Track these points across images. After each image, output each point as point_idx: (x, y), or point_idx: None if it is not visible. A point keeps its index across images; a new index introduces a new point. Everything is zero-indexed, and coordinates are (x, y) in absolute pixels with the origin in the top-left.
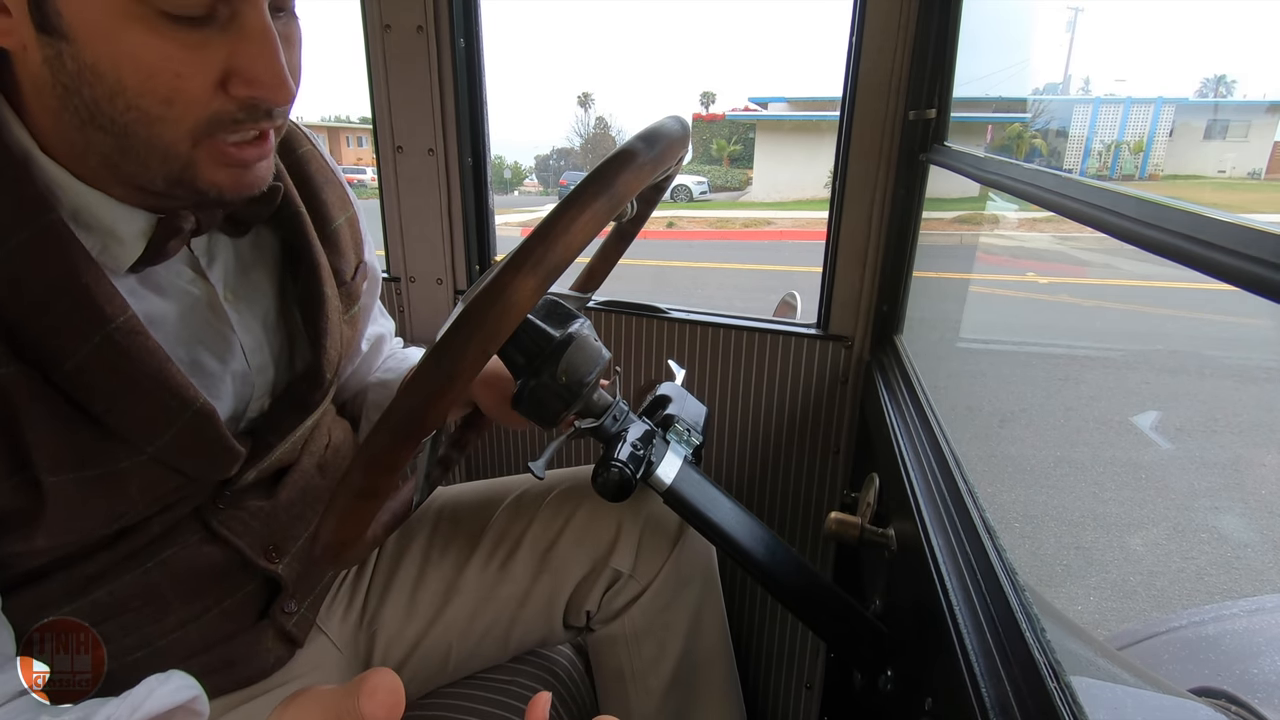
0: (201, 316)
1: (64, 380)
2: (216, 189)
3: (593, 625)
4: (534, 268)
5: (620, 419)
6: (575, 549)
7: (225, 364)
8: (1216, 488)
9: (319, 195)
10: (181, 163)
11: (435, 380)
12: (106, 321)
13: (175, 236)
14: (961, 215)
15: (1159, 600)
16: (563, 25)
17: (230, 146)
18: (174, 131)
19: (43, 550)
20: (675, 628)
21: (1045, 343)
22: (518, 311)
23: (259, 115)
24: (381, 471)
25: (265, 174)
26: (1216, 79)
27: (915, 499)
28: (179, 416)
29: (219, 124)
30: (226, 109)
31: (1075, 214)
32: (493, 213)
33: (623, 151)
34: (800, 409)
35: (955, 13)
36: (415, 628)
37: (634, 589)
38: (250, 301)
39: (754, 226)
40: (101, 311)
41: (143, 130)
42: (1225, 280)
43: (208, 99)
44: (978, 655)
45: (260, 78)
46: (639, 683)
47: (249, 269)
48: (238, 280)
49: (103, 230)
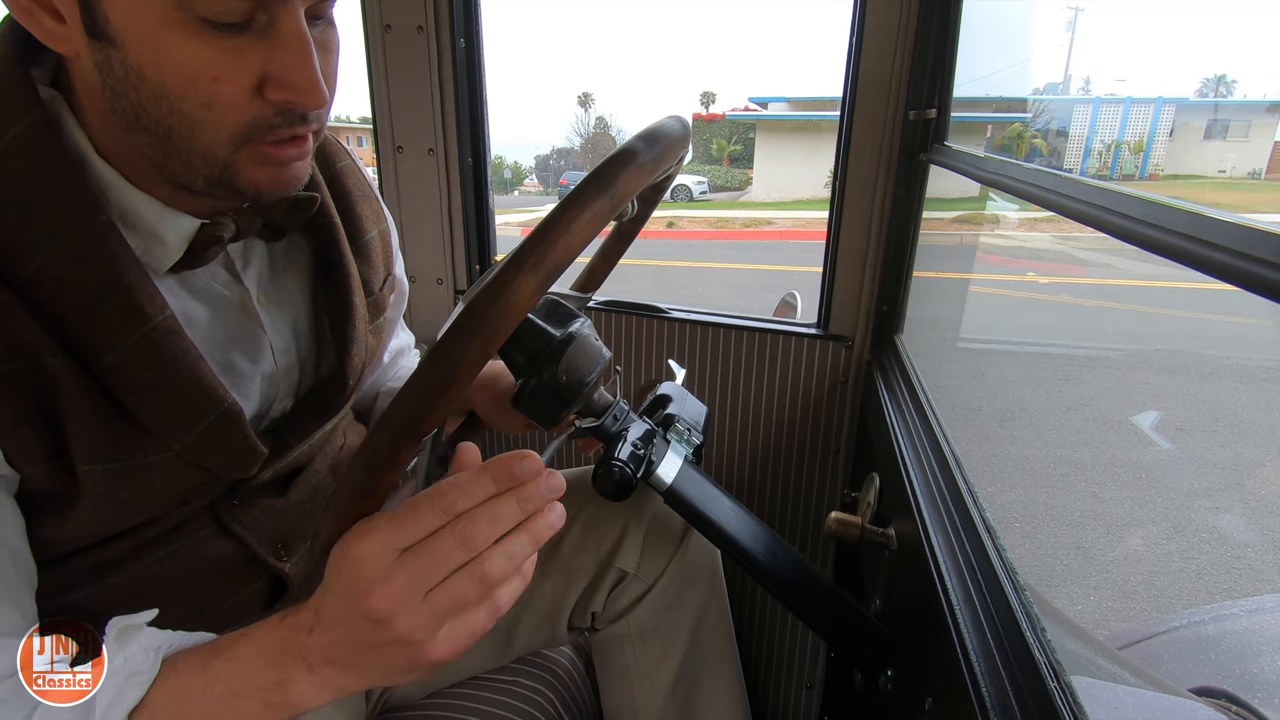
0: (235, 318)
1: (103, 374)
2: (255, 187)
3: (597, 625)
4: (534, 267)
5: (620, 419)
6: (580, 549)
7: (256, 364)
8: (1216, 487)
9: (354, 209)
10: (221, 164)
11: (435, 380)
12: (146, 320)
13: (216, 244)
14: (961, 215)
15: (1159, 600)
16: (563, 25)
17: (269, 146)
18: (213, 135)
19: (70, 537)
20: (681, 625)
21: (1045, 343)
22: (518, 311)
23: (294, 120)
24: (381, 471)
25: (302, 173)
26: (1216, 79)
27: (915, 499)
28: (207, 415)
29: (256, 130)
30: (264, 114)
31: (1075, 214)
32: (493, 213)
33: (623, 151)
34: (800, 409)
35: (955, 13)
36: None
37: (639, 588)
38: (282, 305)
39: (754, 226)
40: (142, 310)
41: (184, 133)
42: (1225, 280)
43: (245, 104)
44: (978, 655)
45: (295, 82)
46: (645, 681)
47: (282, 274)
48: (270, 284)
49: (147, 232)
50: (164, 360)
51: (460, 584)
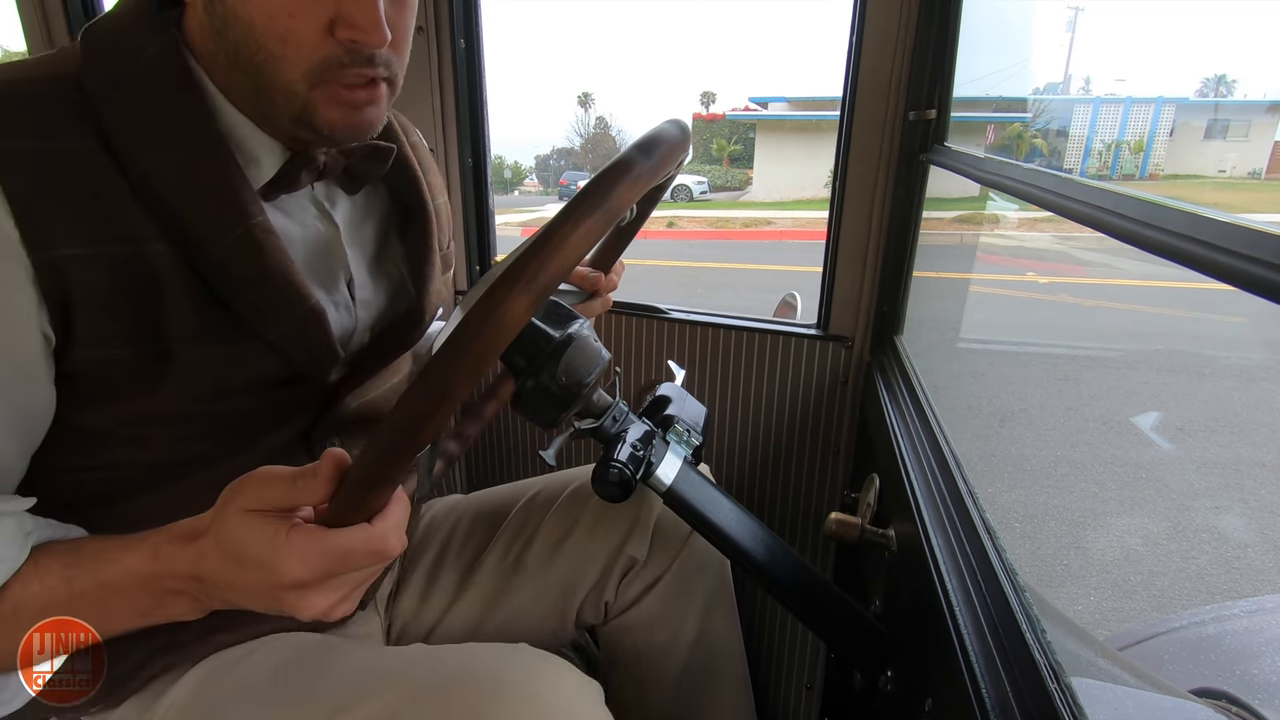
0: (321, 249)
1: (203, 265)
2: (330, 127)
3: (609, 616)
4: (527, 285)
5: (620, 420)
6: (589, 541)
7: (331, 295)
8: (1216, 487)
9: (428, 174)
10: (301, 102)
11: (429, 396)
12: (249, 218)
13: (305, 167)
14: (961, 215)
15: (1159, 600)
16: (563, 25)
17: (342, 89)
18: (291, 71)
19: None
20: (689, 613)
21: (1045, 343)
22: (510, 330)
23: (362, 60)
24: (374, 486)
25: (375, 119)
26: (1216, 79)
27: (915, 499)
28: (294, 310)
29: (329, 67)
30: (334, 52)
31: (1075, 214)
32: (493, 213)
33: (619, 162)
34: (800, 409)
35: (955, 13)
36: (429, 618)
37: (649, 576)
38: (361, 247)
39: (754, 226)
40: (246, 209)
41: (269, 68)
42: (1225, 280)
43: (317, 40)
44: (978, 655)
45: (359, 22)
46: (654, 669)
47: (361, 222)
48: (353, 228)
49: (247, 152)
50: (261, 256)
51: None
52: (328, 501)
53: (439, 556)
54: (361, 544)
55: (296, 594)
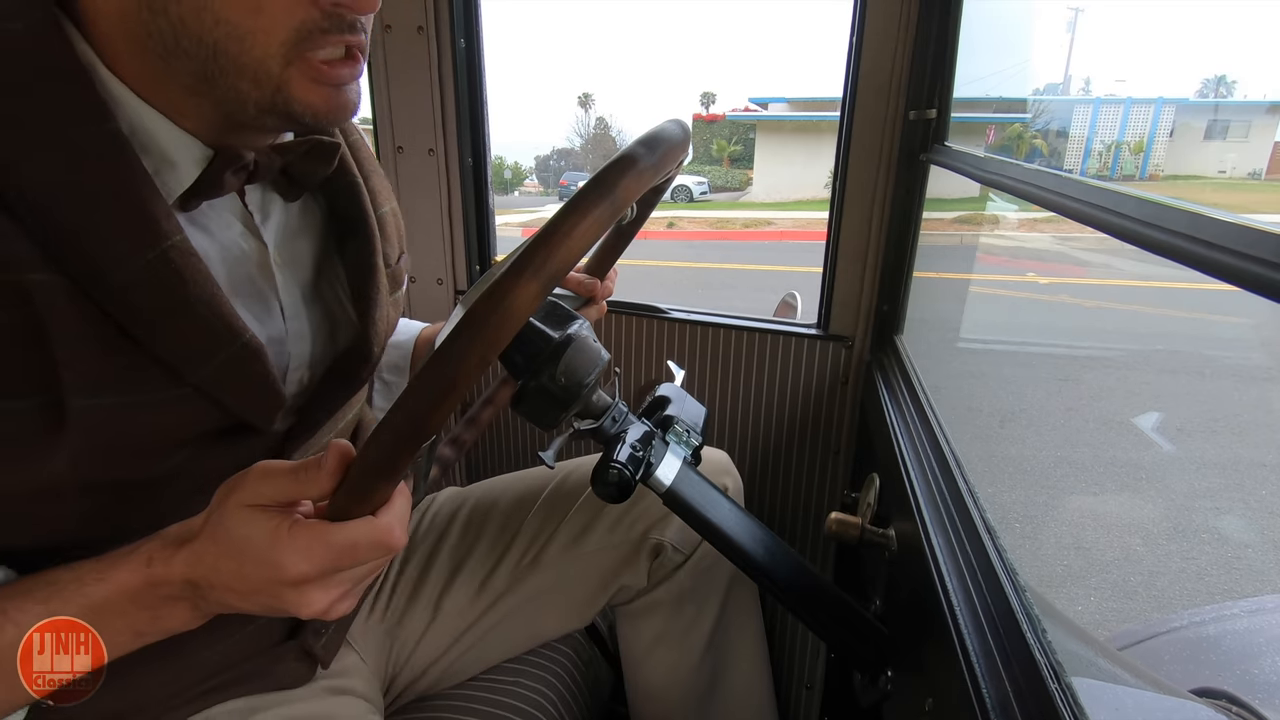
0: (246, 272)
1: (106, 297)
2: (310, 111)
3: (636, 597)
4: (535, 273)
5: (619, 420)
6: (614, 530)
7: (262, 325)
8: (1217, 488)
9: (370, 179)
10: (274, 84)
11: (437, 386)
12: (163, 238)
13: (231, 168)
14: (961, 215)
15: (1159, 600)
16: (563, 25)
17: (322, 65)
18: (264, 46)
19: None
20: (715, 589)
21: (1045, 343)
22: (519, 317)
23: (344, 26)
24: (380, 476)
25: (356, 99)
26: (1216, 79)
27: (915, 499)
28: (227, 346)
29: (307, 36)
30: (312, 17)
31: (1075, 214)
32: (493, 213)
33: (624, 157)
34: (800, 409)
35: (955, 13)
36: (443, 634)
37: (678, 557)
38: (294, 268)
39: (754, 227)
40: (158, 227)
41: (233, 47)
42: (1225, 280)
43: (293, 5)
44: (978, 655)
45: None
46: (678, 644)
47: (295, 236)
48: (285, 245)
49: (158, 152)
50: (182, 283)
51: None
52: (331, 495)
53: (452, 571)
54: (367, 537)
55: (297, 591)
